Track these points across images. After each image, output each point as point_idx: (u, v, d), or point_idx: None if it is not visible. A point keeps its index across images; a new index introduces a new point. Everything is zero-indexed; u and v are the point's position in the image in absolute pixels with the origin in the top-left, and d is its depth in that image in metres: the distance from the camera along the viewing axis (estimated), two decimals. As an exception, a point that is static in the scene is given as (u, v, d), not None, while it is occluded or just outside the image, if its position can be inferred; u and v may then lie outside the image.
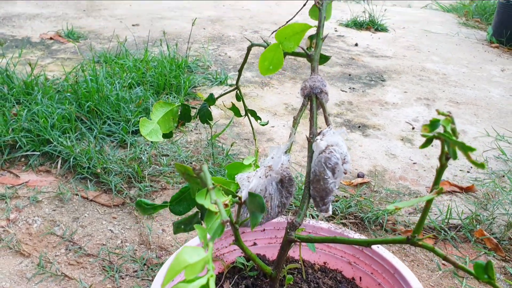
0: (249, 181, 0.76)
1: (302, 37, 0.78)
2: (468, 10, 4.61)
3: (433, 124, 0.49)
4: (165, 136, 0.89)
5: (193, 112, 0.97)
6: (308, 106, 0.79)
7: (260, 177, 0.76)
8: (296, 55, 0.81)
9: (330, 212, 0.76)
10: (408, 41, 3.51)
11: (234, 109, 1.06)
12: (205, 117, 1.01)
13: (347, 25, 3.85)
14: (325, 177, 0.72)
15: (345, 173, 0.73)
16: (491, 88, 2.63)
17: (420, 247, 0.55)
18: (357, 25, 3.84)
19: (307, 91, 0.79)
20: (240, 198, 0.68)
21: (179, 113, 0.93)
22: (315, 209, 1.40)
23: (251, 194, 0.63)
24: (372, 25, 3.81)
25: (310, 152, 0.75)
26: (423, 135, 0.49)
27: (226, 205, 0.63)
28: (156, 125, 0.86)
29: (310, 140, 0.76)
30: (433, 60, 3.07)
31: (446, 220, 1.40)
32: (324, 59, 0.84)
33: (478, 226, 1.38)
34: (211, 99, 1.00)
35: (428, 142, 0.50)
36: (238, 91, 1.02)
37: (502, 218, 1.44)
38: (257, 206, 0.62)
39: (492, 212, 1.45)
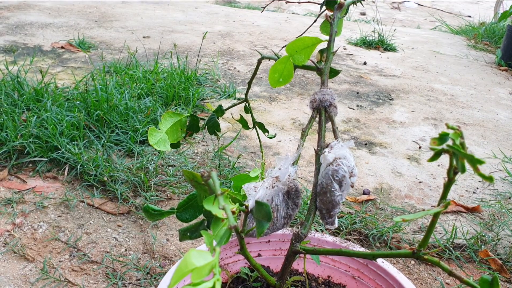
0: (256, 191, 0.77)
1: (312, 51, 0.79)
2: (477, 33, 4.63)
3: (442, 137, 0.49)
4: (172, 146, 0.89)
5: (201, 123, 0.97)
6: (317, 119, 0.80)
7: (267, 187, 0.77)
8: (306, 68, 0.82)
9: (336, 225, 0.76)
10: (417, 61, 3.53)
11: (242, 121, 1.07)
12: (213, 128, 1.01)
13: (356, 44, 3.87)
14: (332, 189, 0.72)
15: (352, 186, 0.73)
16: (499, 110, 2.63)
17: (425, 261, 0.54)
18: (366, 44, 3.86)
19: (316, 104, 0.80)
20: (246, 207, 0.68)
21: (187, 123, 0.94)
22: (321, 222, 1.40)
23: (258, 203, 0.63)
24: (381, 45, 3.83)
25: (318, 164, 0.75)
26: (432, 149, 0.50)
27: (233, 212, 0.63)
28: (164, 135, 0.87)
29: (318, 153, 0.76)
30: (441, 81, 3.08)
31: (451, 240, 1.39)
32: (334, 73, 0.85)
33: (483, 246, 1.38)
34: (220, 111, 1.00)
35: (436, 155, 0.51)
36: (247, 104, 1.03)
37: (507, 239, 1.43)
38: (264, 214, 0.62)
39: (497, 233, 1.45)
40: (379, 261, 0.85)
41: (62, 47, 3.01)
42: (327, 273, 0.94)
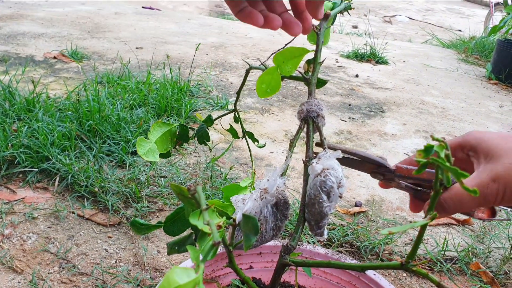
0: (244, 203, 0.76)
1: (300, 61, 0.79)
2: (467, 46, 4.68)
3: (427, 149, 0.49)
4: (162, 156, 0.89)
5: (191, 133, 0.97)
6: (305, 130, 0.80)
7: (255, 199, 0.76)
8: (293, 78, 0.82)
9: (326, 237, 0.75)
10: (408, 74, 3.55)
11: (231, 130, 1.06)
12: (203, 138, 1.01)
13: (348, 57, 3.90)
14: (320, 200, 0.71)
15: (340, 197, 0.73)
16: (489, 123, 2.65)
17: (414, 273, 0.54)
18: (358, 57, 3.89)
19: (303, 115, 0.79)
20: (234, 220, 0.68)
21: (177, 133, 0.94)
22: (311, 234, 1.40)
23: (245, 216, 0.63)
24: (373, 58, 3.86)
25: (306, 175, 0.75)
26: (417, 161, 0.49)
27: (219, 227, 0.63)
28: (153, 145, 0.86)
29: (306, 164, 0.76)
30: (433, 94, 3.10)
31: (442, 252, 1.39)
32: (321, 83, 0.85)
33: (474, 259, 1.38)
34: (209, 120, 1.00)
35: (422, 167, 0.50)
36: (236, 113, 1.02)
37: (498, 251, 1.43)
38: (251, 228, 0.62)
39: (488, 246, 1.45)
40: (371, 273, 0.85)
41: (54, 57, 3.01)
42: (319, 285, 0.94)
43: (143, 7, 5.73)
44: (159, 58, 3.16)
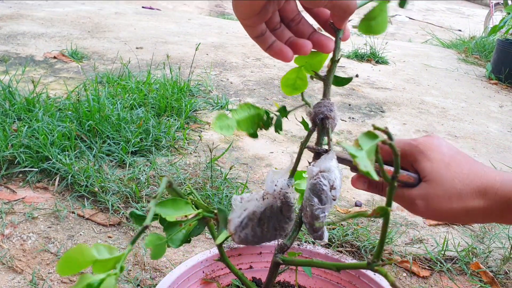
0: (241, 202, 0.76)
1: (325, 60, 0.78)
2: (467, 46, 4.68)
3: None
4: (251, 135, 0.88)
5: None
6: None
7: (257, 199, 0.76)
8: (317, 77, 0.81)
9: (325, 240, 0.75)
10: (408, 74, 3.55)
11: (304, 123, 1.06)
12: (278, 127, 1.02)
13: (348, 57, 3.90)
14: (311, 203, 0.71)
15: (334, 200, 0.72)
16: (489, 123, 2.65)
17: (377, 273, 0.57)
18: (358, 56, 3.89)
19: (312, 117, 0.79)
20: (215, 214, 0.69)
21: (263, 118, 0.92)
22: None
23: (219, 209, 0.65)
24: (373, 58, 3.86)
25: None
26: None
27: (185, 216, 0.66)
28: (234, 122, 0.85)
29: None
30: (433, 94, 3.10)
31: (442, 252, 1.39)
32: (345, 80, 0.83)
33: (474, 259, 1.38)
34: (284, 111, 0.99)
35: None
36: (307, 105, 1.02)
37: (498, 251, 1.43)
38: (222, 219, 0.65)
39: (488, 246, 1.45)
40: (371, 273, 0.85)
41: (54, 57, 3.01)
42: (319, 285, 0.94)
43: (143, 7, 5.73)
44: (159, 58, 3.16)
